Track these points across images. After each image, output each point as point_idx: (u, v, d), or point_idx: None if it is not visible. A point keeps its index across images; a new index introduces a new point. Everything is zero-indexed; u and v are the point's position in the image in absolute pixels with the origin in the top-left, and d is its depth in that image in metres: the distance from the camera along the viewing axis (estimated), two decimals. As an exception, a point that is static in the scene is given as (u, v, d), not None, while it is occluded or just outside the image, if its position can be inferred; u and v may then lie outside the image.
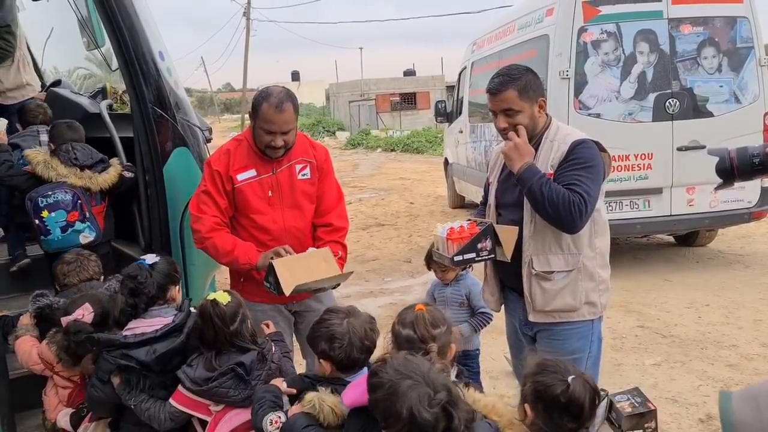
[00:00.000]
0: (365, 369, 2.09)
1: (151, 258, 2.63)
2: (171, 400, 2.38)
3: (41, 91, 5.06)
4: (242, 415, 2.29)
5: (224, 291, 2.43)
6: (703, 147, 6.26)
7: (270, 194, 3.00)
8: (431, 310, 2.01)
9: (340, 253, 3.08)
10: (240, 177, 2.98)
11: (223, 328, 2.30)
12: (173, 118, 3.44)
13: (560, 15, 6.39)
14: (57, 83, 4.89)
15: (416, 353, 1.77)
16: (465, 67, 10.12)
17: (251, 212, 3.00)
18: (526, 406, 1.80)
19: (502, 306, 2.94)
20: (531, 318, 2.66)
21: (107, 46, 3.84)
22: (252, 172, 2.99)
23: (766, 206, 6.57)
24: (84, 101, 4.42)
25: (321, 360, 2.12)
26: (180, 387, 2.36)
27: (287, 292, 2.71)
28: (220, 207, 2.98)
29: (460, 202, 11.12)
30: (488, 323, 3.58)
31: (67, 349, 2.70)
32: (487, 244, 2.57)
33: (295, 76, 53.99)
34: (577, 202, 2.42)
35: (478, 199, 10.53)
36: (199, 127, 3.75)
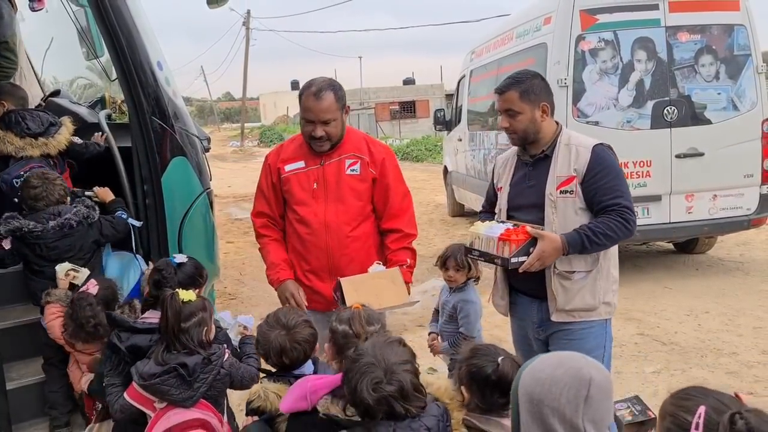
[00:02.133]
0: (307, 368, 2.24)
1: (180, 258, 2.76)
2: (125, 394, 2.43)
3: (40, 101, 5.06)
4: (180, 415, 2.34)
5: (194, 294, 2.47)
6: (702, 154, 6.28)
7: (315, 186, 3.00)
8: (366, 308, 2.11)
9: (408, 261, 3.08)
10: (287, 167, 3.04)
11: (173, 323, 2.35)
12: (172, 127, 3.45)
13: (558, 23, 6.42)
14: (56, 93, 4.89)
15: (349, 347, 1.91)
16: (464, 76, 10.14)
17: (295, 203, 3.04)
18: (462, 388, 1.97)
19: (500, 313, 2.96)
20: (554, 318, 2.69)
21: (106, 56, 3.85)
22: (300, 164, 3.04)
23: (765, 213, 6.57)
24: (83, 111, 4.42)
25: None
26: (133, 381, 2.41)
27: None
28: (270, 202, 3.10)
29: (459, 211, 11.12)
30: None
31: (71, 316, 2.91)
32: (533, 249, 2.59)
33: (295, 85, 53.98)
34: (624, 220, 2.56)
35: (478, 208, 10.53)
36: (198, 137, 3.76)
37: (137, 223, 3.56)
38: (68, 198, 3.47)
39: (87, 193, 3.69)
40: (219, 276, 4.19)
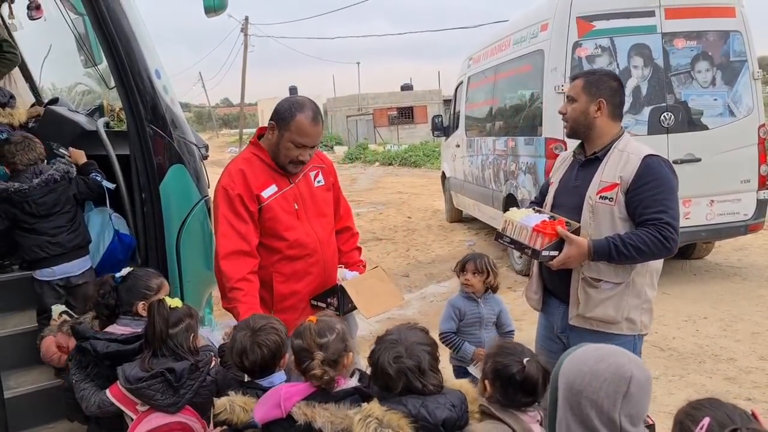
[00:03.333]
0: (277, 378, 2.23)
1: (123, 272, 2.75)
2: (107, 391, 2.46)
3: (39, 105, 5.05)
4: (162, 419, 2.35)
5: (180, 301, 2.50)
6: (699, 160, 6.30)
7: (296, 207, 2.90)
8: (321, 320, 2.10)
9: (363, 260, 3.17)
10: (265, 194, 2.81)
11: (161, 329, 2.36)
12: (169, 135, 3.44)
13: (555, 30, 6.45)
14: (54, 101, 4.88)
15: (304, 361, 2.00)
16: (461, 82, 10.18)
17: (283, 230, 2.84)
18: (486, 382, 2.02)
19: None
20: (572, 321, 2.68)
21: (105, 64, 3.86)
22: (273, 188, 2.84)
23: (761, 219, 6.60)
24: (81, 119, 4.41)
25: None
26: (117, 381, 2.43)
27: (369, 315, 2.82)
28: (248, 237, 2.76)
29: (457, 216, 11.13)
30: None
31: (97, 304, 2.82)
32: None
33: (293, 91, 53.82)
34: (663, 237, 2.48)
35: (476, 214, 10.57)
36: (196, 145, 3.75)
37: (111, 185, 3.68)
38: (44, 159, 3.72)
39: (61, 150, 3.83)
40: (215, 285, 4.18)
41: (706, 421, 1.43)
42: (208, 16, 3.42)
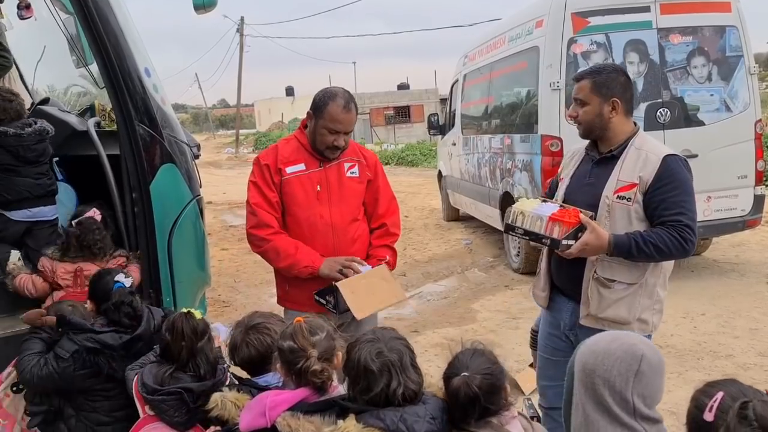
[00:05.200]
0: (272, 379, 2.19)
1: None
2: (133, 383, 2.43)
3: (28, 109, 5.02)
4: (165, 430, 2.32)
5: (198, 311, 2.43)
6: (696, 156, 6.27)
7: (318, 189, 3.03)
8: (309, 320, 2.07)
9: (388, 257, 3.14)
10: (289, 170, 3.03)
11: (192, 339, 2.32)
12: (160, 134, 3.41)
13: (550, 26, 6.42)
14: (45, 101, 4.84)
15: (298, 362, 1.94)
16: (457, 80, 10.14)
17: (295, 205, 3.02)
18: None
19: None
20: (582, 321, 2.63)
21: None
22: (301, 166, 3.04)
23: (759, 214, 6.57)
24: (72, 119, 4.37)
25: None
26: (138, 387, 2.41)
27: (360, 316, 2.79)
28: (272, 202, 3.02)
29: (454, 215, 11.10)
30: None
31: (78, 238, 3.38)
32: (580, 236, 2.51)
33: (290, 91, 53.98)
34: (682, 239, 2.46)
35: (473, 212, 10.52)
36: (187, 144, 3.72)
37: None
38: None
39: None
40: (210, 284, 4.15)
41: (720, 394, 1.49)
42: (197, 13, 3.40)
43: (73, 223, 3.54)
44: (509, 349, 4.87)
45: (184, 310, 2.39)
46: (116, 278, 2.80)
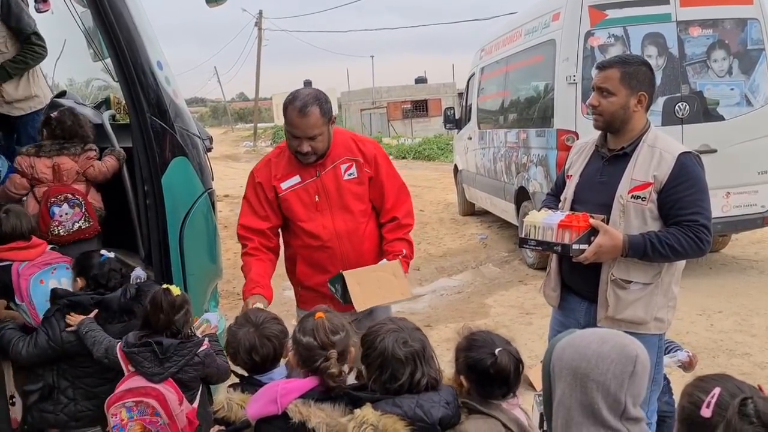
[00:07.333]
0: (277, 374, 2.20)
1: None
2: (117, 345, 2.67)
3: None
4: (141, 382, 2.54)
5: (179, 288, 2.65)
6: (715, 151, 6.17)
7: (317, 199, 2.95)
8: (330, 317, 2.06)
9: (404, 251, 3.04)
10: (284, 185, 2.96)
11: (169, 312, 2.54)
12: (172, 127, 3.41)
13: (566, 20, 6.35)
14: (62, 94, 4.88)
15: (316, 359, 1.94)
16: (473, 74, 10.08)
17: (299, 220, 2.98)
18: (462, 378, 1.98)
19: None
20: (600, 324, 2.59)
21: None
22: (296, 179, 2.96)
23: (779, 211, 6.46)
24: (87, 112, 4.40)
25: None
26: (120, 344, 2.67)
27: (359, 308, 2.74)
28: (258, 216, 3.00)
29: (470, 210, 11.06)
30: None
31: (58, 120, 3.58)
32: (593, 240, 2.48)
33: (307, 85, 54.07)
34: (698, 239, 2.43)
35: (488, 206, 10.45)
36: (199, 137, 3.72)
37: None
38: None
39: None
40: (222, 276, 4.16)
41: (717, 390, 1.45)
42: (209, 6, 3.40)
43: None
44: (521, 345, 4.76)
45: (165, 286, 2.62)
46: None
